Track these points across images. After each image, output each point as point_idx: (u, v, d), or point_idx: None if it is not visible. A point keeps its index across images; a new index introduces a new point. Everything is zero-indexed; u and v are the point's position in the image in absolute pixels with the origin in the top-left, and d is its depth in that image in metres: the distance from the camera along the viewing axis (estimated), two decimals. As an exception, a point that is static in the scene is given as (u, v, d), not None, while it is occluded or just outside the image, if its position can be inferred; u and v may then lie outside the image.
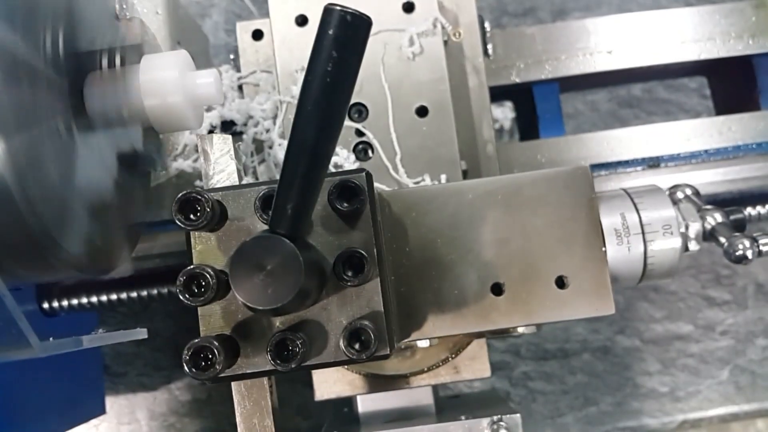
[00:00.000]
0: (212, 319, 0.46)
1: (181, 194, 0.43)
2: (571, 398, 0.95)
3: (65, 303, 0.76)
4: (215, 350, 0.42)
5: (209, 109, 0.72)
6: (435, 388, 0.68)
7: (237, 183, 0.50)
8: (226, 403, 0.96)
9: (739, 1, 0.82)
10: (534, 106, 0.84)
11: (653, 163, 0.80)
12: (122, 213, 0.57)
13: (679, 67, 0.87)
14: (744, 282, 0.96)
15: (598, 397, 0.95)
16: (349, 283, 0.44)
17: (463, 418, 0.59)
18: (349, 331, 0.43)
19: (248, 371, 0.45)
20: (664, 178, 0.75)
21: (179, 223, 0.43)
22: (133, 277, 0.78)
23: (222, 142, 0.50)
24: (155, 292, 0.78)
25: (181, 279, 0.42)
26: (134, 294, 0.78)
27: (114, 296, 0.78)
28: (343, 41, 0.36)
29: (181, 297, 0.42)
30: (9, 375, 0.68)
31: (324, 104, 0.37)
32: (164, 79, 0.54)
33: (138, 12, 0.68)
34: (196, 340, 0.43)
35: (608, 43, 0.82)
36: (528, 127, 0.88)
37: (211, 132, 0.72)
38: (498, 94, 0.89)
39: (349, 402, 0.70)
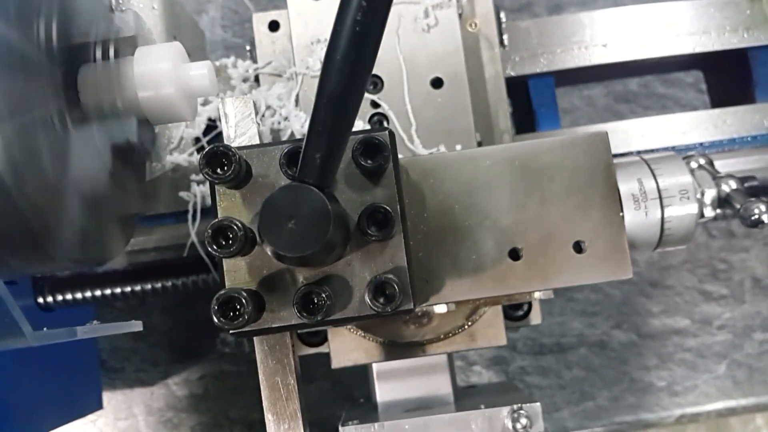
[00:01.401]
0: (237, 274, 0.46)
1: (208, 148, 0.43)
2: (567, 393, 0.95)
3: (61, 297, 0.76)
4: (243, 300, 0.43)
5: (206, 102, 0.72)
6: (453, 378, 0.68)
7: (259, 144, 0.50)
8: (223, 398, 0.97)
9: (734, -6, 0.83)
10: (530, 100, 0.84)
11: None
12: (117, 205, 0.57)
13: (674, 61, 0.87)
14: (741, 276, 0.96)
15: (595, 391, 0.95)
16: (373, 238, 0.44)
17: (482, 406, 0.59)
18: (374, 284, 0.44)
19: (275, 325, 0.46)
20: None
21: (206, 177, 0.44)
22: (130, 271, 0.78)
23: (243, 105, 0.50)
24: (151, 286, 0.78)
25: (209, 231, 0.42)
26: (130, 288, 0.78)
27: (110, 290, 0.78)
28: None
29: (209, 248, 0.43)
30: (5, 369, 0.68)
31: (352, 55, 0.37)
32: (158, 70, 0.54)
33: (132, 5, 0.68)
34: (224, 291, 0.43)
35: (603, 37, 0.82)
36: (524, 120, 0.88)
37: (211, 123, 0.73)
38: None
39: (365, 392, 0.70)
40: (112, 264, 0.73)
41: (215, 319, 0.43)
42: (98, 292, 0.78)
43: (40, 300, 0.76)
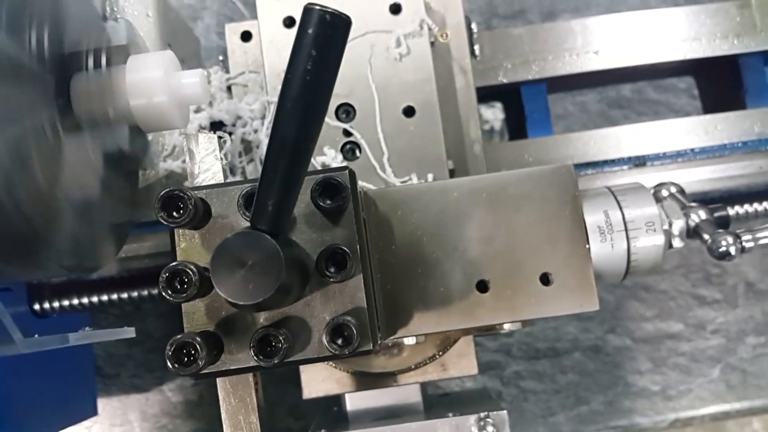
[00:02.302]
0: (196, 316, 0.46)
1: (163, 192, 0.43)
2: (562, 397, 0.95)
3: (56, 304, 0.77)
4: (198, 346, 0.43)
5: (198, 110, 0.73)
6: (424, 387, 0.69)
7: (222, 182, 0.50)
8: (217, 405, 0.96)
9: (724, 1, 0.83)
10: (522, 106, 0.85)
11: (639, 162, 0.80)
12: (109, 212, 0.58)
13: (666, 67, 0.88)
14: (734, 281, 0.97)
15: (590, 396, 0.95)
16: (332, 279, 0.44)
17: (450, 415, 0.59)
18: (332, 326, 0.44)
19: (232, 367, 0.45)
20: (650, 177, 0.76)
21: (162, 221, 0.44)
22: (124, 277, 0.78)
23: (207, 141, 0.51)
24: (146, 293, 0.79)
25: (164, 276, 0.43)
26: (125, 295, 0.78)
27: (105, 297, 0.78)
28: (322, 40, 0.36)
29: (164, 294, 0.43)
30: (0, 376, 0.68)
31: (303, 103, 0.37)
32: (150, 79, 0.55)
33: (126, 13, 0.69)
34: (179, 336, 0.43)
35: (595, 44, 0.83)
36: (516, 127, 0.88)
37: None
38: (487, 94, 0.90)
39: (338, 400, 0.71)
40: (105, 271, 0.73)
41: (170, 365, 0.43)
42: (93, 299, 0.78)
43: (36, 307, 0.76)
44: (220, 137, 0.58)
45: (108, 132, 0.55)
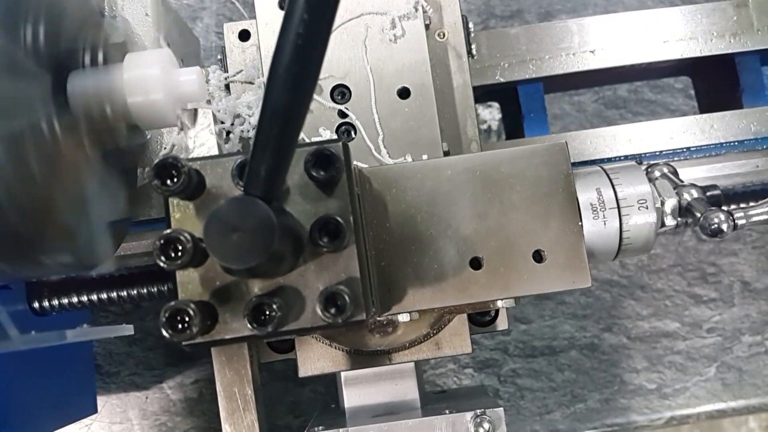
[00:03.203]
0: (190, 286, 0.46)
1: (157, 160, 0.44)
2: (559, 395, 0.96)
3: (55, 302, 0.77)
4: (191, 312, 0.43)
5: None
6: (421, 383, 0.69)
7: (217, 155, 0.50)
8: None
9: (720, 0, 0.83)
10: (519, 106, 0.85)
11: (636, 161, 0.80)
12: (107, 210, 0.58)
13: (663, 67, 0.88)
14: (730, 279, 0.97)
15: (586, 394, 0.96)
16: (325, 249, 0.45)
17: (447, 412, 0.60)
18: (325, 295, 0.44)
19: (226, 336, 0.46)
20: (646, 176, 0.76)
21: (155, 189, 0.44)
22: (123, 275, 0.79)
23: (202, 116, 0.51)
24: (145, 290, 0.79)
25: (158, 242, 0.43)
26: (124, 293, 0.78)
27: (104, 295, 0.78)
28: (314, 5, 0.37)
29: (157, 260, 0.43)
30: (-1, 373, 0.68)
31: (295, 68, 0.38)
32: (147, 76, 0.55)
33: (125, 13, 0.69)
34: (173, 303, 0.44)
35: (591, 43, 0.83)
36: (513, 126, 0.89)
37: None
38: (484, 94, 0.90)
39: (336, 398, 0.71)
40: (104, 268, 0.74)
41: (163, 332, 0.43)
42: (92, 297, 0.78)
43: (35, 305, 0.77)
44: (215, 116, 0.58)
45: (105, 129, 0.56)
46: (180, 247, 0.43)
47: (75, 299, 0.78)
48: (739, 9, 0.83)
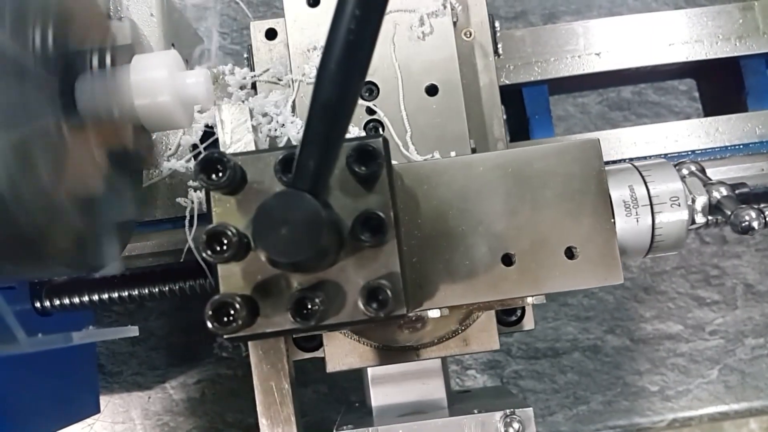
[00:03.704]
0: (232, 280, 0.47)
1: (204, 154, 0.44)
2: (561, 397, 0.96)
3: (59, 302, 0.77)
4: (237, 305, 0.43)
5: (203, 110, 0.73)
6: (448, 383, 0.69)
7: (254, 150, 0.50)
8: (220, 402, 0.97)
9: (726, 3, 0.83)
10: (524, 108, 0.85)
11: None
12: (113, 211, 0.58)
13: (668, 70, 0.88)
14: (733, 282, 0.97)
15: (589, 396, 0.96)
16: (367, 244, 0.45)
17: (476, 411, 0.59)
18: (368, 290, 0.44)
19: (268, 330, 0.46)
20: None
21: (201, 183, 0.44)
22: (127, 276, 0.79)
23: (239, 112, 0.51)
24: (148, 291, 0.79)
25: (204, 236, 0.43)
26: (128, 293, 0.78)
27: (108, 295, 0.78)
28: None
29: (203, 254, 0.43)
30: (2, 373, 0.68)
31: (346, 63, 0.38)
32: (154, 78, 0.55)
33: (130, 13, 0.69)
34: (218, 296, 0.44)
35: (596, 46, 0.83)
36: (518, 128, 0.89)
37: (208, 129, 0.73)
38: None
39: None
40: (108, 269, 0.74)
41: (209, 324, 0.44)
42: (96, 297, 0.78)
43: (38, 305, 0.77)
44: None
45: (112, 131, 0.56)
46: (225, 241, 0.43)
47: (78, 299, 0.78)
48: (745, 12, 0.83)
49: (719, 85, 0.90)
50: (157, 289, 0.78)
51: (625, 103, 1.00)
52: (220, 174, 0.44)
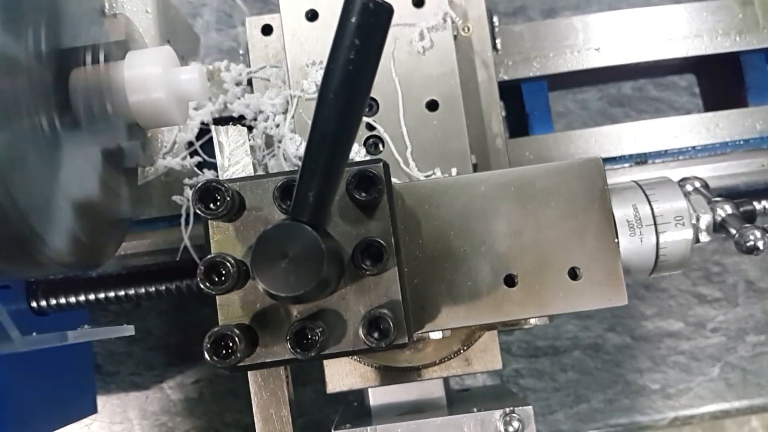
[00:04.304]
0: (231, 309, 0.46)
1: (201, 183, 0.43)
2: (562, 395, 0.95)
3: (55, 302, 0.77)
4: (236, 338, 0.42)
5: (198, 107, 0.73)
6: (446, 381, 0.68)
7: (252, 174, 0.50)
8: (217, 402, 0.97)
9: (725, -2, 0.83)
10: (523, 104, 0.85)
11: (641, 159, 0.80)
12: (107, 209, 0.57)
13: (667, 65, 0.87)
14: (734, 279, 0.97)
15: (590, 394, 0.95)
16: (367, 272, 0.44)
17: (475, 410, 0.59)
18: (368, 319, 0.44)
19: (268, 360, 0.45)
20: (651, 175, 0.76)
21: (199, 212, 0.44)
22: (124, 275, 0.78)
23: (237, 134, 0.50)
24: (145, 290, 0.78)
25: (202, 268, 0.43)
26: (124, 292, 0.78)
27: (104, 294, 0.78)
28: (365, 30, 0.36)
29: (201, 286, 0.43)
30: (-1, 373, 0.68)
31: (346, 93, 0.37)
32: (148, 75, 0.55)
33: (125, 10, 0.68)
34: (217, 329, 0.43)
35: (596, 41, 0.83)
36: (517, 124, 0.88)
37: (204, 126, 0.73)
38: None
39: (359, 396, 0.70)
40: (104, 268, 0.73)
41: (208, 358, 0.43)
42: (92, 296, 0.78)
43: (34, 304, 0.76)
44: (238, 123, 0.58)
45: (106, 128, 0.55)
46: (224, 272, 0.42)
47: (74, 299, 0.77)
48: (745, 7, 0.83)
49: (719, 80, 0.90)
50: (153, 289, 0.78)
51: (626, 99, 0.99)
52: (219, 203, 0.44)
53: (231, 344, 0.43)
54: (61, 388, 0.82)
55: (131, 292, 0.78)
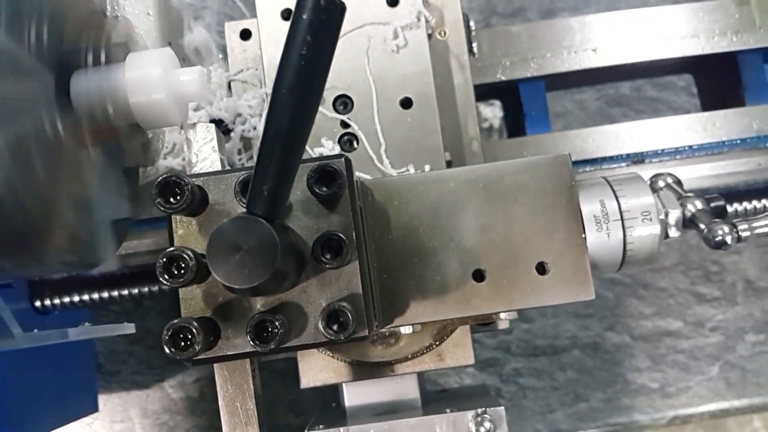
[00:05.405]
0: (193, 302, 0.46)
1: (161, 177, 0.44)
2: (561, 394, 0.96)
3: (57, 301, 0.77)
4: (194, 330, 0.43)
5: (197, 108, 0.73)
6: (422, 382, 0.69)
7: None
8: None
9: (722, -2, 0.83)
10: (521, 104, 0.85)
11: (638, 159, 0.80)
12: (108, 209, 0.58)
13: (665, 65, 0.88)
14: (733, 278, 0.97)
15: (589, 393, 0.95)
16: (327, 266, 0.45)
17: (448, 411, 0.59)
18: (328, 312, 0.44)
19: (228, 353, 0.46)
20: (649, 174, 0.76)
21: (159, 207, 0.44)
22: (125, 274, 0.79)
23: (205, 131, 0.51)
24: (147, 289, 0.79)
25: (161, 261, 0.43)
26: (126, 291, 0.78)
27: (106, 294, 0.78)
28: (317, 26, 0.37)
29: (160, 279, 0.43)
30: (1, 372, 0.68)
31: (298, 89, 0.38)
32: (149, 76, 0.55)
33: (127, 12, 0.69)
34: (175, 321, 0.44)
35: (593, 41, 0.83)
36: (515, 124, 0.89)
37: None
38: (486, 92, 0.90)
39: (338, 397, 0.71)
40: (105, 267, 0.74)
41: (166, 349, 0.43)
42: (94, 296, 0.78)
43: (37, 304, 0.77)
44: (218, 127, 0.58)
45: (108, 129, 0.56)
46: (183, 265, 0.43)
47: (76, 298, 0.78)
48: (742, 7, 0.83)
49: (717, 80, 0.90)
50: (155, 288, 0.79)
51: (624, 99, 0.99)
52: (178, 197, 0.44)
53: (190, 336, 0.43)
54: (62, 386, 0.82)
55: (133, 291, 0.78)
